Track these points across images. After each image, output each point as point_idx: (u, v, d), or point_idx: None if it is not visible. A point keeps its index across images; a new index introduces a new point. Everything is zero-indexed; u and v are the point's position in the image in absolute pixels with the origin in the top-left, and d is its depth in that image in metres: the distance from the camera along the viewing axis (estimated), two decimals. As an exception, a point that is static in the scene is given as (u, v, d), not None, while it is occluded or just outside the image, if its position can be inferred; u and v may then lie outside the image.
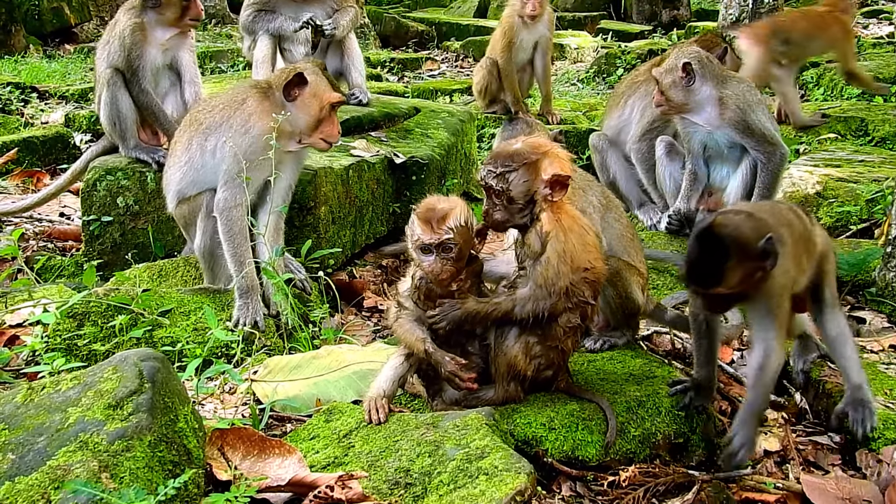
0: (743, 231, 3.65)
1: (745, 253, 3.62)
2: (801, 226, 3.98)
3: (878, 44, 14.20)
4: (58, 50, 15.98)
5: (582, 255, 3.90)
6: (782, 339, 3.86)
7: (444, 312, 3.92)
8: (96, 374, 3.37)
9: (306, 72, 4.96)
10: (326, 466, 3.64)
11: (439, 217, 3.87)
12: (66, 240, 7.18)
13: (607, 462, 3.92)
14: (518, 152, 3.93)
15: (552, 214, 3.90)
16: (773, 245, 3.61)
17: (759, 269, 3.65)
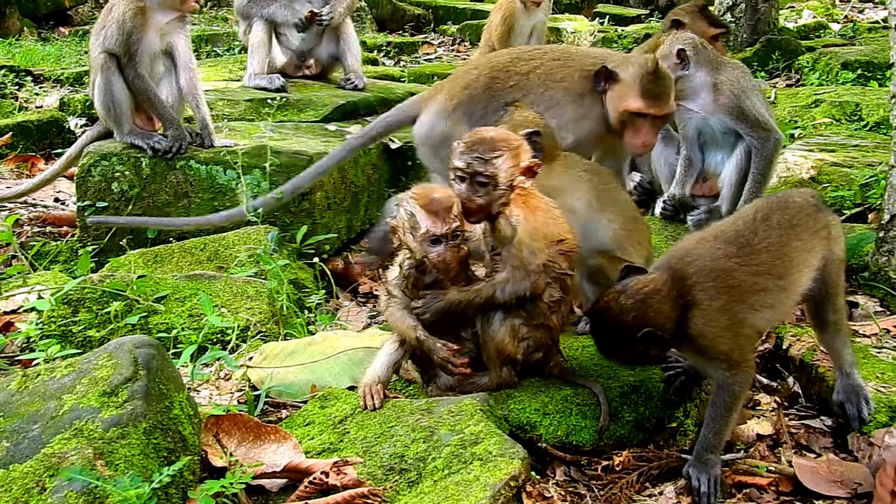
0: (621, 322, 3.68)
1: (625, 341, 3.67)
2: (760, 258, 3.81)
3: (874, 28, 14.20)
4: (52, 33, 15.93)
5: (552, 229, 3.95)
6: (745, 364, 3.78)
7: (427, 304, 3.94)
8: (91, 361, 3.37)
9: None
10: (322, 452, 3.65)
11: (446, 207, 3.86)
12: (60, 225, 7.18)
13: (601, 447, 3.94)
14: (500, 139, 3.96)
15: (517, 197, 3.93)
16: (653, 336, 3.61)
17: (650, 353, 3.71)
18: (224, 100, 7.58)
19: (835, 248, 3.98)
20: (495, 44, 10.18)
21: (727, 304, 3.70)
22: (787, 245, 3.83)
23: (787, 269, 3.83)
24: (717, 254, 3.79)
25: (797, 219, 3.90)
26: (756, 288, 3.77)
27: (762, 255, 3.79)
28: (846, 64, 10.87)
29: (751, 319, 3.81)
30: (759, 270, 3.78)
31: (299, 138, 6.72)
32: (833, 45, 12.36)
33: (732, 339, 3.73)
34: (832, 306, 4.04)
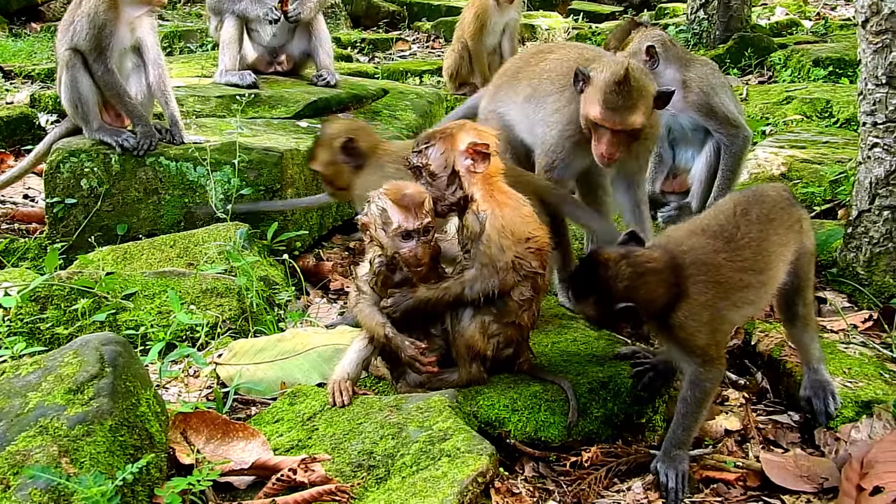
0: (613, 282, 3.68)
1: (602, 303, 3.70)
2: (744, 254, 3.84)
3: (846, 26, 14.27)
4: (24, 28, 15.79)
5: (521, 226, 3.94)
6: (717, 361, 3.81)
7: (396, 302, 3.94)
8: (57, 358, 3.36)
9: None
10: (290, 449, 3.65)
11: (418, 202, 3.87)
12: (29, 222, 7.13)
13: (570, 443, 3.96)
14: (437, 129, 4.03)
15: (485, 193, 3.94)
16: (632, 312, 3.64)
17: (621, 320, 3.74)
18: (195, 96, 7.55)
19: (806, 241, 4.03)
20: (468, 41, 10.21)
21: (713, 300, 3.73)
22: (767, 240, 3.86)
23: (766, 264, 3.86)
24: (708, 248, 3.80)
25: (773, 213, 3.93)
26: (740, 285, 3.80)
27: (745, 250, 3.81)
28: (818, 61, 10.92)
29: (731, 316, 3.85)
30: (744, 266, 3.80)
31: (270, 135, 6.70)
32: (805, 42, 12.42)
33: (710, 335, 3.76)
34: (802, 300, 4.08)
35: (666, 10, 16.80)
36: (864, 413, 4.09)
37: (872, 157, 5.14)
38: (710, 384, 3.79)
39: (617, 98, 4.63)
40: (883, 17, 4.97)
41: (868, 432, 3.99)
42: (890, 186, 5.07)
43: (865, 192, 5.19)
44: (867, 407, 4.12)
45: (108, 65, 6.25)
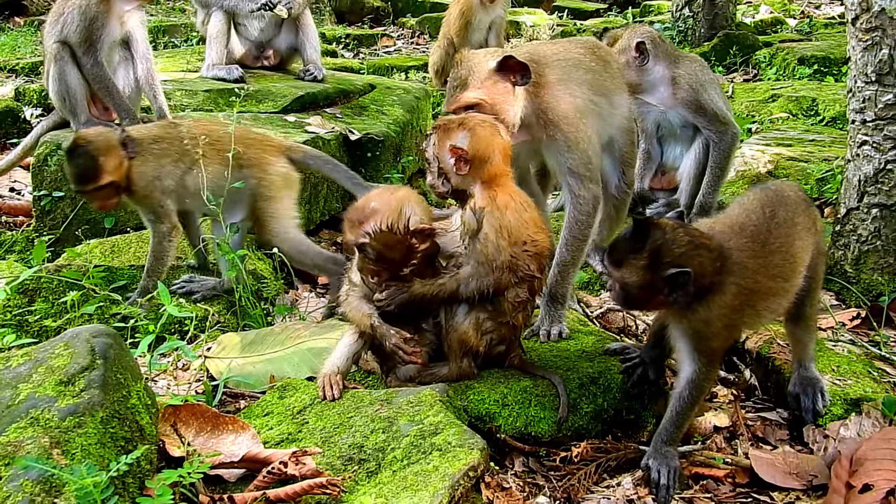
0: (669, 246, 3.60)
1: (653, 265, 3.59)
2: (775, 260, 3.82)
3: (830, 24, 14.33)
4: (7, 23, 15.71)
5: (520, 229, 3.93)
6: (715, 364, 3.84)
7: (390, 296, 3.94)
8: (47, 350, 3.34)
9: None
10: (280, 443, 3.64)
11: (360, 219, 3.87)
12: (16, 215, 7.11)
13: (560, 438, 3.96)
14: (442, 120, 4.04)
15: (486, 192, 3.93)
16: (687, 280, 3.56)
17: (661, 294, 3.63)
18: (182, 90, 7.51)
19: (820, 242, 4.06)
20: (454, 37, 10.22)
21: (742, 305, 3.71)
22: (793, 245, 3.84)
23: (793, 270, 3.86)
24: (747, 251, 3.75)
25: (797, 216, 3.92)
26: (769, 293, 3.80)
27: (776, 256, 3.79)
28: (803, 59, 10.97)
29: (750, 322, 3.90)
30: (774, 274, 3.78)
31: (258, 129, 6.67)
32: (790, 40, 12.47)
33: (724, 340, 3.78)
34: (811, 300, 4.10)
35: (651, 7, 16.84)
36: (852, 410, 4.12)
37: (861, 154, 5.16)
38: (708, 384, 3.82)
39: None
40: (873, 15, 4.99)
41: (857, 430, 4.01)
42: (878, 184, 5.09)
43: (854, 190, 5.21)
44: (856, 404, 4.14)
45: (97, 58, 6.23)
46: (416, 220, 3.88)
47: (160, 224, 4.99)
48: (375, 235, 3.84)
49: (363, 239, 3.84)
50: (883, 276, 5.16)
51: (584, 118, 4.61)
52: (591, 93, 4.72)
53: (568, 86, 4.63)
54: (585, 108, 4.66)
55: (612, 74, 4.97)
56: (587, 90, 4.71)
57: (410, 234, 3.87)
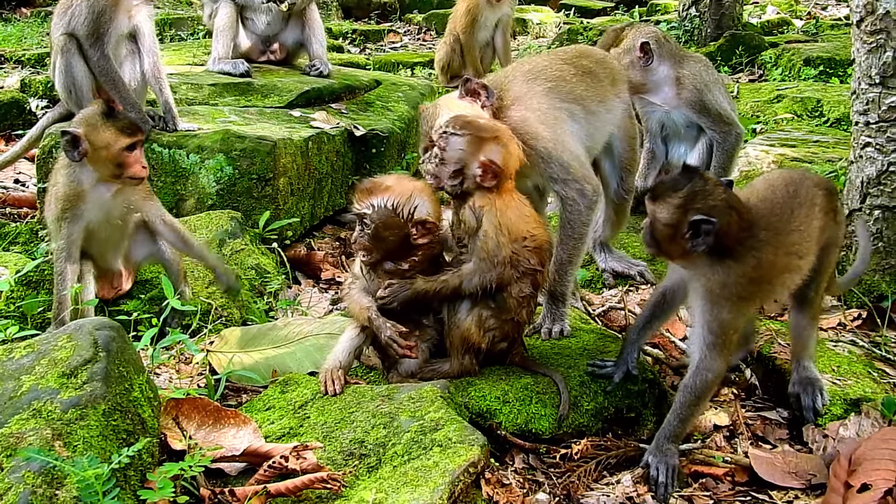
0: (704, 195, 3.66)
1: (684, 207, 3.65)
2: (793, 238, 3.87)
3: (836, 25, 14.31)
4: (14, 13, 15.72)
5: (520, 225, 3.95)
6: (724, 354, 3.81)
7: (393, 293, 3.95)
8: (50, 342, 3.35)
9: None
10: (281, 437, 3.65)
11: (371, 189, 3.92)
12: (20, 207, 7.12)
13: (560, 435, 3.97)
14: (474, 123, 3.98)
15: (486, 192, 3.95)
16: (709, 230, 3.60)
17: (680, 238, 3.68)
18: (188, 84, 7.52)
19: (838, 232, 4.11)
20: (460, 34, 10.22)
21: (759, 279, 3.76)
22: (811, 224, 3.90)
23: (808, 249, 3.91)
24: (772, 226, 3.82)
25: (817, 197, 3.97)
26: (785, 269, 3.85)
27: (794, 234, 3.85)
28: (808, 60, 10.95)
29: (763, 296, 3.91)
30: (790, 251, 3.84)
31: (263, 124, 6.69)
32: (796, 41, 12.45)
33: (736, 314, 3.77)
34: (816, 286, 4.13)
35: (657, 6, 16.81)
36: (852, 411, 4.13)
37: (864, 156, 5.16)
38: (714, 375, 3.79)
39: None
40: (878, 17, 4.99)
41: (856, 430, 4.02)
42: (881, 186, 5.10)
43: (857, 192, 5.21)
44: (855, 405, 4.15)
45: (104, 51, 6.23)
46: (422, 212, 3.91)
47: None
48: (378, 210, 3.88)
49: (366, 209, 3.88)
50: (884, 277, 5.16)
51: (555, 126, 4.61)
52: (558, 101, 4.70)
53: (529, 100, 4.63)
54: (553, 117, 4.65)
55: (595, 80, 4.93)
56: (554, 99, 4.70)
57: (412, 222, 3.91)
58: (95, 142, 4.58)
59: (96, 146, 4.58)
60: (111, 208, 4.77)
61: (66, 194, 4.66)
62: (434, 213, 3.96)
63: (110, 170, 4.64)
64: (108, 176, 4.66)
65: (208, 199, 6.07)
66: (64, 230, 4.68)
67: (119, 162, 4.62)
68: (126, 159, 4.62)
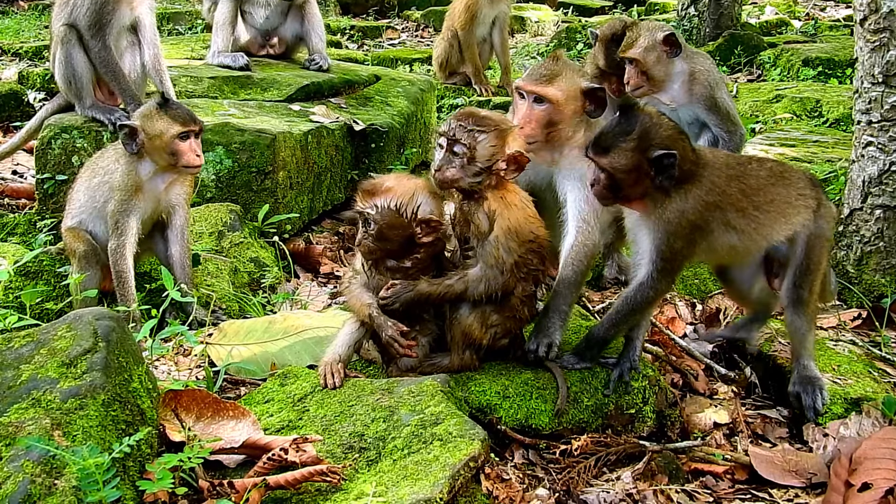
0: (656, 130, 3.80)
1: (641, 147, 3.76)
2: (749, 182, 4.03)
3: (835, 26, 14.33)
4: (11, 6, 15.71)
5: (526, 227, 3.93)
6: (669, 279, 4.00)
7: (396, 294, 3.92)
8: (50, 332, 3.34)
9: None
10: (281, 430, 3.64)
11: (372, 190, 3.89)
12: (18, 198, 7.10)
13: (560, 431, 3.97)
14: (491, 117, 3.94)
15: (497, 192, 3.92)
16: (672, 163, 3.73)
17: (645, 177, 3.79)
18: (187, 77, 7.50)
19: (822, 224, 4.14)
20: (458, 31, 10.20)
21: (714, 206, 3.89)
22: (773, 187, 4.03)
23: (766, 206, 4.01)
24: (728, 162, 4.04)
25: (788, 174, 4.14)
26: (739, 205, 3.95)
27: (751, 180, 3.99)
28: (807, 61, 10.96)
29: (714, 237, 3.98)
30: (746, 192, 3.97)
31: (263, 117, 6.67)
32: (794, 41, 12.46)
33: (688, 243, 3.91)
34: (808, 284, 4.14)
35: (656, 5, 16.82)
36: (852, 410, 4.13)
37: (866, 155, 5.16)
38: (654, 294, 3.98)
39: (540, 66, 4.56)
40: (881, 16, 4.99)
41: (857, 429, 4.02)
42: (883, 185, 5.10)
43: (858, 191, 5.22)
44: (856, 404, 4.15)
45: (105, 42, 6.21)
46: (426, 210, 3.89)
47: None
48: (381, 210, 3.86)
49: (370, 209, 3.86)
50: (885, 276, 5.17)
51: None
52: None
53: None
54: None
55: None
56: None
57: (416, 221, 3.88)
58: (150, 131, 4.77)
59: (151, 135, 4.77)
60: (160, 201, 4.92)
61: (126, 185, 4.81)
62: (437, 210, 3.94)
63: (165, 159, 4.82)
64: (165, 166, 4.84)
65: (207, 192, 6.05)
66: (122, 224, 4.80)
67: (172, 150, 4.77)
68: (179, 147, 4.79)
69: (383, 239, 3.90)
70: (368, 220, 3.87)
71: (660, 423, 4.12)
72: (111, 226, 4.84)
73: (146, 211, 4.89)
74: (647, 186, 3.81)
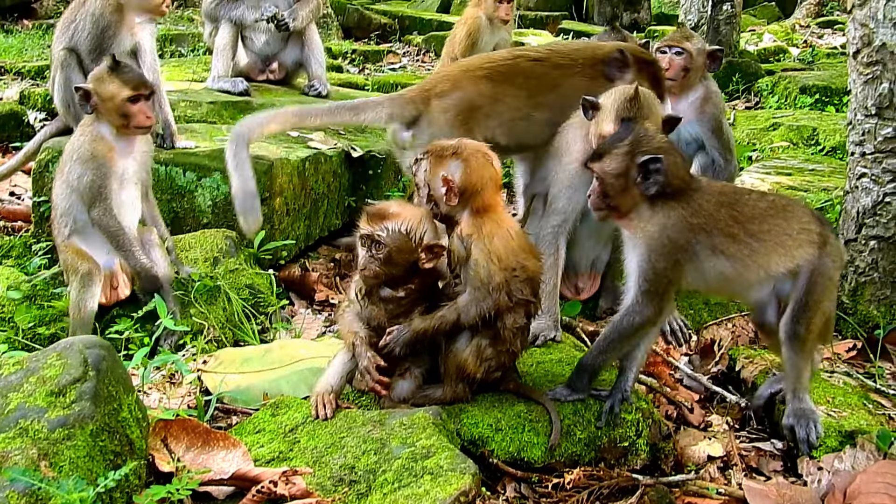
0: (648, 140, 3.95)
1: (630, 153, 3.91)
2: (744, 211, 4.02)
3: (832, 54, 14.37)
4: (16, 25, 15.75)
5: (509, 256, 3.90)
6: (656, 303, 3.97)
7: (394, 339, 3.92)
8: (40, 359, 3.33)
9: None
10: (271, 461, 3.62)
11: (381, 214, 3.90)
12: (15, 220, 7.09)
13: (552, 464, 3.94)
14: (438, 145, 4.02)
15: (473, 219, 3.92)
16: (658, 169, 3.84)
17: (633, 184, 3.91)
18: (186, 101, 7.51)
19: (826, 261, 4.06)
20: (458, 57, 10.20)
21: (700, 227, 3.93)
22: (772, 218, 4.03)
23: (762, 233, 4.00)
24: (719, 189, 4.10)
25: (791, 208, 4.11)
26: (728, 231, 3.96)
27: (746, 208, 4.01)
28: (804, 88, 10.99)
29: (703, 262, 3.99)
30: (738, 219, 3.98)
31: (260, 143, 6.66)
32: (792, 69, 12.51)
33: (673, 264, 3.94)
34: (806, 320, 4.06)
35: (655, 32, 16.85)
36: (847, 443, 4.09)
37: (860, 186, 5.16)
38: (641, 320, 3.98)
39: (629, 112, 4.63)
40: (874, 49, 5.00)
41: (851, 462, 3.99)
42: (877, 216, 5.10)
43: (852, 222, 5.22)
44: (850, 437, 4.12)
45: (104, 66, 6.24)
46: (430, 237, 3.91)
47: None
48: (392, 233, 3.86)
49: (380, 232, 3.86)
50: (879, 308, 5.16)
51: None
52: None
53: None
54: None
55: None
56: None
57: (423, 247, 3.90)
58: (102, 94, 4.97)
59: (103, 98, 4.97)
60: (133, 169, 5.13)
61: (94, 149, 4.98)
62: (438, 238, 3.95)
63: (118, 120, 5.01)
64: (119, 127, 5.04)
65: (203, 218, 6.04)
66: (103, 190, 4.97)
67: (123, 112, 4.99)
68: (130, 110, 4.98)
69: (390, 263, 3.90)
70: (379, 241, 3.87)
71: (653, 456, 4.10)
72: (91, 197, 4.97)
73: (121, 172, 5.06)
74: (636, 196, 3.93)
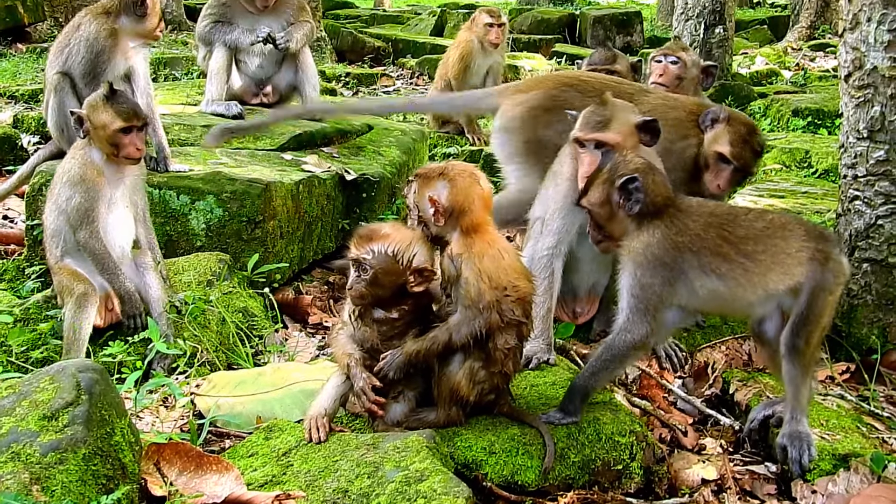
0: (624, 164, 4.09)
1: (609, 179, 4.08)
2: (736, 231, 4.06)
3: (825, 77, 14.44)
4: (9, 49, 15.75)
5: (500, 276, 3.90)
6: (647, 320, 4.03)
7: (388, 363, 3.92)
8: (32, 383, 3.32)
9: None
10: (264, 485, 3.61)
11: (369, 236, 3.91)
12: (8, 244, 7.07)
13: (546, 487, 3.93)
14: (427, 167, 4.06)
15: (463, 239, 3.93)
16: (637, 187, 3.97)
17: (617, 208, 4.05)
18: (180, 125, 7.52)
19: (828, 277, 4.04)
20: (451, 81, 10.27)
21: (684, 246, 4.00)
22: (769, 237, 4.04)
23: (757, 253, 4.01)
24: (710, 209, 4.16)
25: (790, 226, 4.11)
26: (717, 250, 4.00)
27: (739, 229, 4.04)
28: (797, 111, 11.04)
29: (693, 281, 4.04)
30: (729, 238, 4.01)
31: (254, 166, 6.68)
32: (784, 92, 12.56)
33: (655, 281, 4.01)
34: (806, 336, 4.06)
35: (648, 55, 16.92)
36: (841, 466, 4.10)
37: (852, 209, 5.18)
38: (634, 338, 4.05)
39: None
40: (865, 72, 5.02)
41: (845, 486, 3.99)
42: (869, 239, 5.11)
43: (845, 245, 5.22)
44: (844, 460, 4.12)
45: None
46: (420, 260, 3.91)
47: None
48: (377, 255, 3.87)
49: (366, 255, 3.86)
50: (873, 330, 5.17)
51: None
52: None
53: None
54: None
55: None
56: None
57: (411, 270, 3.90)
58: (95, 122, 5.04)
59: (96, 126, 5.05)
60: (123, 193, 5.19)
61: (84, 172, 5.03)
62: (429, 262, 3.95)
63: (108, 149, 5.07)
64: (109, 155, 5.10)
65: (197, 241, 6.04)
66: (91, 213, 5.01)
67: (114, 143, 5.05)
68: (121, 140, 5.05)
69: (376, 284, 3.90)
70: (363, 264, 3.88)
71: (647, 480, 4.09)
72: (78, 219, 5.00)
73: (109, 197, 5.11)
74: (623, 220, 4.06)
